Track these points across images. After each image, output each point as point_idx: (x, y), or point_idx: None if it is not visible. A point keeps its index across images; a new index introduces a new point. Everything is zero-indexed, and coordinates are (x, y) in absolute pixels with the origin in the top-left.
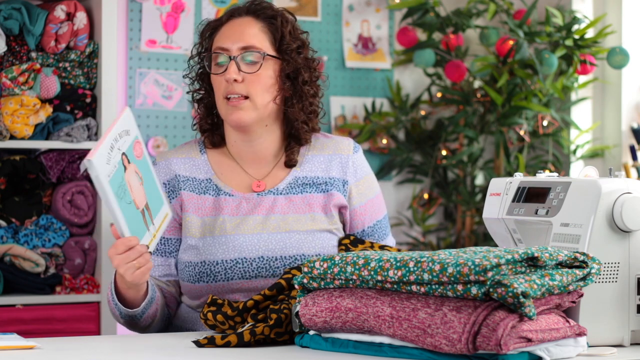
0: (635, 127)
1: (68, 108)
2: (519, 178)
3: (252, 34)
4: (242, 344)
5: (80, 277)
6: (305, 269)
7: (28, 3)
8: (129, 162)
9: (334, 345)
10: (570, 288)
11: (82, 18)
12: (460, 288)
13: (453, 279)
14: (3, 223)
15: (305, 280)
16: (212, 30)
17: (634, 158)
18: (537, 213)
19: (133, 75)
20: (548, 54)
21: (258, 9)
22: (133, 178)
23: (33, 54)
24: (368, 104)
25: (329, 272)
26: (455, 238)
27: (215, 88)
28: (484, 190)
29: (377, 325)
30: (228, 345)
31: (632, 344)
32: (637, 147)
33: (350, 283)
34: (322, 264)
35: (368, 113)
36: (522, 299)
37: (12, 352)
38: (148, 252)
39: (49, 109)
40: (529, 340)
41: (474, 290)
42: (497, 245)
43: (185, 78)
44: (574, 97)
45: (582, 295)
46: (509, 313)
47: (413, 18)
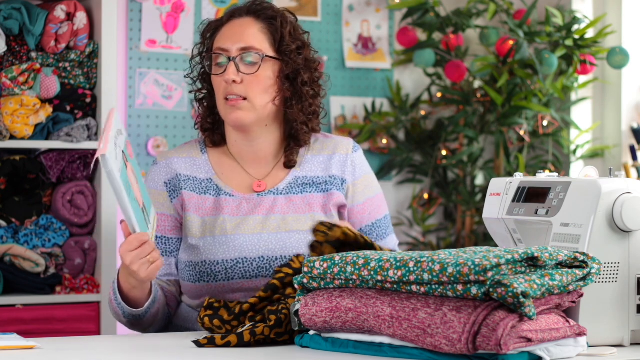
0: (635, 127)
1: (68, 108)
2: (519, 178)
3: (251, 35)
4: (242, 344)
5: (80, 277)
6: (305, 269)
7: (28, 3)
8: (127, 160)
9: (334, 345)
10: (570, 288)
11: (82, 18)
12: (460, 288)
13: (453, 279)
14: (3, 223)
15: (305, 280)
16: (212, 31)
17: (634, 158)
18: (537, 213)
19: (133, 75)
20: (548, 54)
21: (258, 10)
22: (132, 176)
23: (33, 54)
24: (368, 104)
25: (329, 272)
26: (455, 238)
27: (216, 88)
28: (484, 190)
29: (377, 325)
30: (228, 346)
31: (632, 344)
32: (637, 147)
33: (350, 283)
34: (322, 264)
35: (368, 113)
36: (522, 299)
37: (12, 352)
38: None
39: (49, 109)
40: (529, 340)
41: (474, 290)
42: (497, 245)
43: (187, 78)
44: (574, 97)
45: (582, 295)
46: (509, 313)
47: (413, 18)
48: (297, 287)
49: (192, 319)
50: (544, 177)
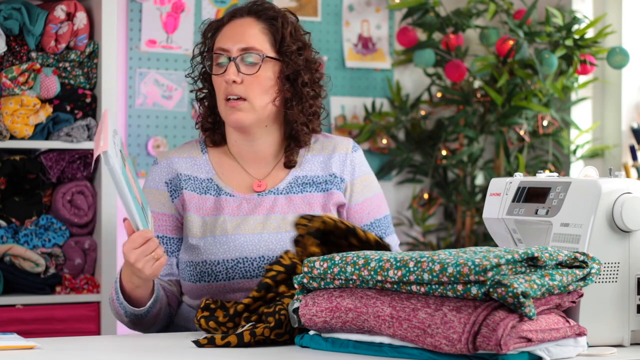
0: (635, 127)
1: (68, 108)
2: (519, 178)
3: (252, 35)
4: (242, 345)
5: (80, 277)
6: (305, 269)
7: (28, 3)
8: (125, 160)
9: (334, 345)
10: (570, 288)
11: (82, 18)
12: (460, 288)
13: (453, 279)
14: (3, 223)
15: (305, 280)
16: (213, 30)
17: (634, 158)
18: (537, 213)
19: (133, 75)
20: (548, 54)
21: (259, 10)
22: (130, 175)
23: (33, 54)
24: (368, 104)
25: (329, 272)
26: (455, 238)
27: (216, 88)
28: (484, 190)
29: (377, 325)
30: (228, 346)
31: (632, 344)
32: (637, 147)
33: (350, 283)
34: (322, 264)
35: (368, 113)
36: (522, 299)
37: (12, 352)
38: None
39: (49, 109)
40: (529, 340)
41: (474, 290)
42: (497, 245)
43: (188, 77)
44: (574, 97)
45: (582, 295)
46: (509, 313)
47: (413, 18)
48: (297, 287)
49: (192, 319)
50: (544, 177)
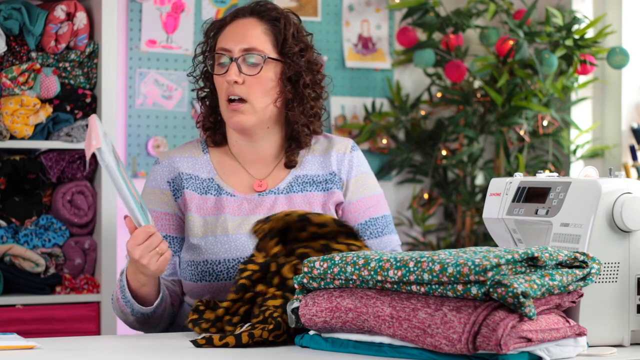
0: (635, 127)
1: (68, 108)
2: (519, 178)
3: (254, 36)
4: (240, 346)
5: (80, 277)
6: (305, 269)
7: (28, 3)
8: (118, 161)
9: (334, 345)
10: (570, 288)
11: (82, 18)
12: (460, 288)
13: (453, 279)
14: (3, 223)
15: (305, 280)
16: (216, 30)
17: (634, 158)
18: (537, 213)
19: (133, 75)
20: (548, 54)
21: (262, 10)
22: (125, 176)
23: (33, 54)
24: (368, 104)
25: (329, 272)
26: (455, 238)
27: (218, 88)
28: (484, 190)
29: (377, 325)
30: (226, 346)
31: (632, 344)
32: (637, 147)
33: (350, 283)
34: (322, 264)
35: (368, 113)
36: (522, 299)
37: (12, 352)
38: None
39: (49, 109)
40: (529, 340)
41: (474, 290)
42: (497, 245)
43: (190, 76)
44: (574, 97)
45: (582, 295)
46: (509, 313)
47: (413, 18)
48: (297, 287)
49: None
50: (544, 177)
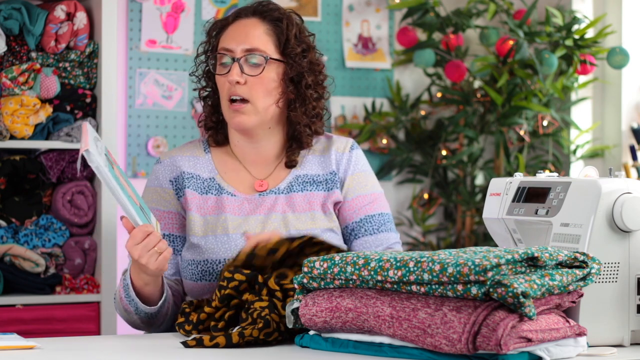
0: (635, 127)
1: (68, 108)
2: (519, 178)
3: (256, 36)
4: (230, 346)
5: (80, 277)
6: (305, 269)
7: (28, 3)
8: (113, 164)
9: (334, 345)
10: (570, 288)
11: (82, 18)
12: (460, 288)
13: (453, 279)
14: (3, 223)
15: (305, 280)
16: (218, 30)
17: (634, 158)
18: (537, 213)
19: (133, 75)
20: (548, 54)
21: (265, 11)
22: (121, 178)
23: (33, 54)
24: (368, 104)
25: (329, 272)
26: (455, 238)
27: (220, 88)
28: (484, 190)
29: (377, 325)
30: (217, 347)
31: (632, 344)
32: (637, 147)
33: (350, 283)
34: (322, 264)
35: (368, 113)
36: (522, 299)
37: (12, 352)
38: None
39: (49, 109)
40: (529, 340)
41: (474, 290)
42: (497, 245)
43: (192, 76)
44: (574, 97)
45: (582, 295)
46: (509, 313)
47: (413, 18)
48: (297, 287)
49: None
50: (544, 177)
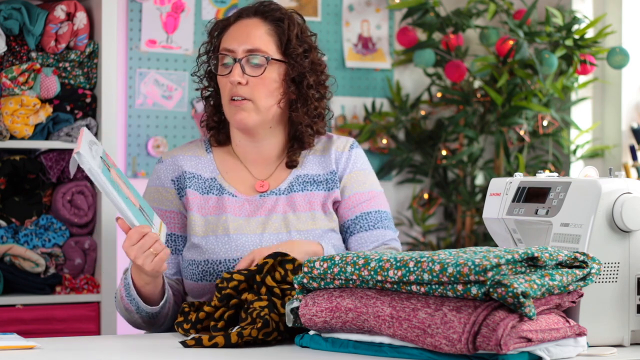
0: (635, 127)
1: (68, 108)
2: (519, 178)
3: (258, 37)
4: (229, 345)
5: (80, 277)
6: (305, 269)
7: (28, 3)
8: (110, 167)
9: (334, 345)
10: (570, 288)
11: (82, 18)
12: (460, 288)
13: (453, 279)
14: (3, 223)
15: (305, 280)
16: (220, 30)
17: (634, 158)
18: (537, 213)
19: (133, 75)
20: (548, 54)
21: (266, 11)
22: (119, 180)
23: (33, 54)
24: (368, 104)
25: (329, 272)
26: (455, 238)
27: (221, 88)
28: (484, 190)
29: (377, 325)
30: (215, 347)
31: (632, 344)
32: (637, 147)
33: (350, 283)
34: (322, 264)
35: (368, 113)
36: (522, 299)
37: (12, 352)
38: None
39: (49, 109)
40: (529, 340)
41: (474, 290)
42: (497, 245)
43: (194, 75)
44: (574, 97)
45: (582, 295)
46: (509, 313)
47: (413, 18)
48: (297, 286)
49: None
50: (544, 177)
